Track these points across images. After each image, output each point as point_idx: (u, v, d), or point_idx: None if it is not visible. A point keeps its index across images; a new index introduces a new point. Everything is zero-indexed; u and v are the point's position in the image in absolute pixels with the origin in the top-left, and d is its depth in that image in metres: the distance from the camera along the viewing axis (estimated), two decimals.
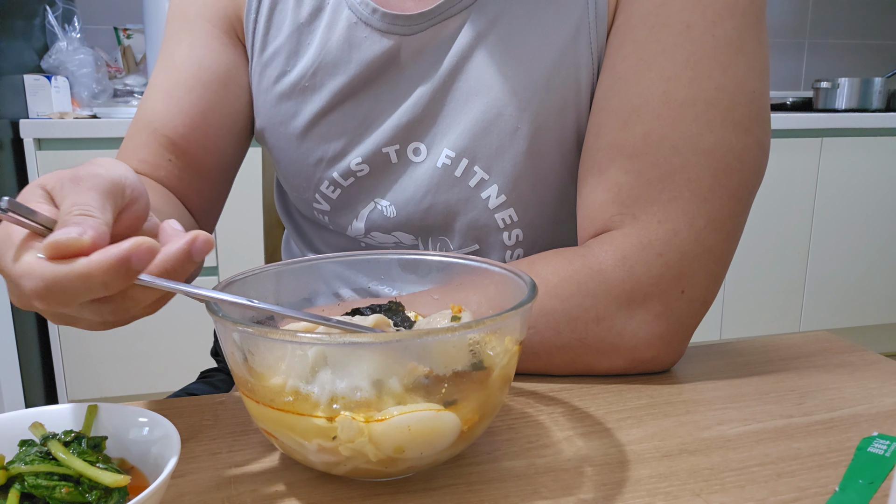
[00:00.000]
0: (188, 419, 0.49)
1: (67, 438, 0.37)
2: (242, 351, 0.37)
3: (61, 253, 0.34)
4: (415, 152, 0.63)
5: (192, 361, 1.84)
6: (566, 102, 0.59)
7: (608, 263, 0.53)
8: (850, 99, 2.37)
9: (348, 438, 0.35)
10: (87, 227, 0.34)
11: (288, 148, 0.66)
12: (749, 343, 0.63)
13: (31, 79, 1.79)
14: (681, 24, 0.54)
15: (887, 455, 0.43)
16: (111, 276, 0.33)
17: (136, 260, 0.34)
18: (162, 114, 0.65)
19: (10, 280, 0.36)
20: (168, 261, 0.36)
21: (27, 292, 0.35)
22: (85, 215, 0.35)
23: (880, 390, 0.53)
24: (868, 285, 2.39)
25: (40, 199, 0.38)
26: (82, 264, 0.33)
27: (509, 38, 0.59)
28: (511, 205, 0.63)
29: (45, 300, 0.34)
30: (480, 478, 0.41)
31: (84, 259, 0.33)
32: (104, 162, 0.39)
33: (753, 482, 0.40)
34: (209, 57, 0.66)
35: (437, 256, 0.49)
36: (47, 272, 0.34)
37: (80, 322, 0.39)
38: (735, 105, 0.53)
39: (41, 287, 0.34)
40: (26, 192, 0.39)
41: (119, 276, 0.34)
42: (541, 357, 0.55)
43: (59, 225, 0.35)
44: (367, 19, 0.61)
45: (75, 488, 0.35)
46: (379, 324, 0.42)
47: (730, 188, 0.54)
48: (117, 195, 0.38)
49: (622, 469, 0.42)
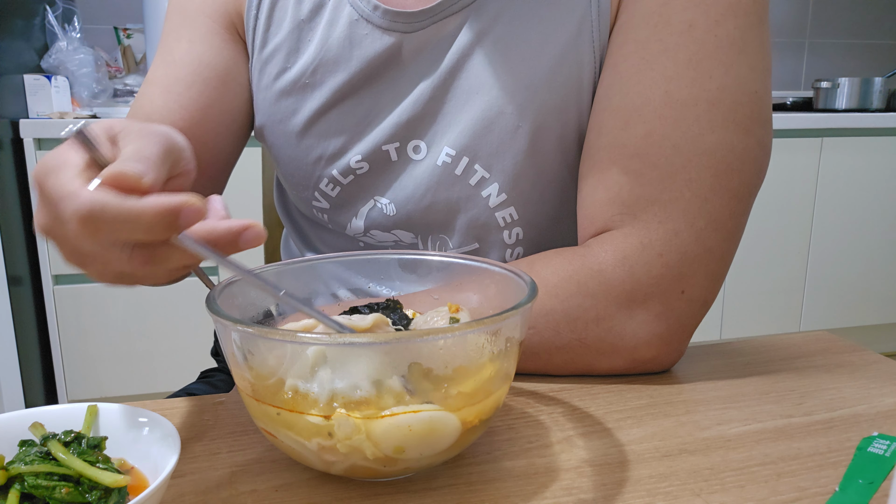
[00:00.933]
0: (188, 419, 0.49)
1: (67, 438, 0.37)
2: (242, 351, 0.37)
3: (120, 183, 0.34)
4: (415, 150, 0.63)
5: (192, 361, 1.84)
6: (567, 101, 0.59)
7: (608, 263, 0.53)
8: (850, 99, 2.37)
9: (345, 436, 0.35)
10: (149, 170, 0.35)
11: (287, 145, 0.66)
12: (749, 343, 0.63)
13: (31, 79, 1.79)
14: (683, 23, 0.54)
15: (887, 455, 0.43)
16: (157, 221, 0.34)
17: (184, 216, 0.34)
18: (160, 109, 0.65)
19: (53, 202, 0.35)
20: (213, 232, 0.36)
21: (67, 214, 0.34)
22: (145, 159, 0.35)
23: (880, 390, 0.53)
24: (868, 285, 2.39)
25: (105, 135, 0.38)
26: (135, 201, 0.33)
27: (511, 37, 0.59)
28: (511, 203, 0.63)
29: (84, 224, 0.34)
30: (480, 478, 0.41)
31: (136, 198, 0.34)
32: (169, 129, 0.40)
33: (753, 482, 0.40)
34: (209, 53, 0.66)
35: (437, 256, 0.49)
36: (99, 197, 0.33)
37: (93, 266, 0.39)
38: (737, 105, 0.53)
39: (84, 210, 0.33)
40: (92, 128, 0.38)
41: (164, 225, 0.34)
42: (540, 357, 0.55)
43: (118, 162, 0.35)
44: (369, 16, 0.61)
45: (75, 488, 0.35)
46: (378, 323, 0.42)
47: (731, 188, 0.54)
48: (177, 159, 0.38)
49: (622, 469, 0.42)
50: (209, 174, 0.69)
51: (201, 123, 0.66)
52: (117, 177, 0.34)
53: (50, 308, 1.76)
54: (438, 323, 0.44)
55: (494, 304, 0.45)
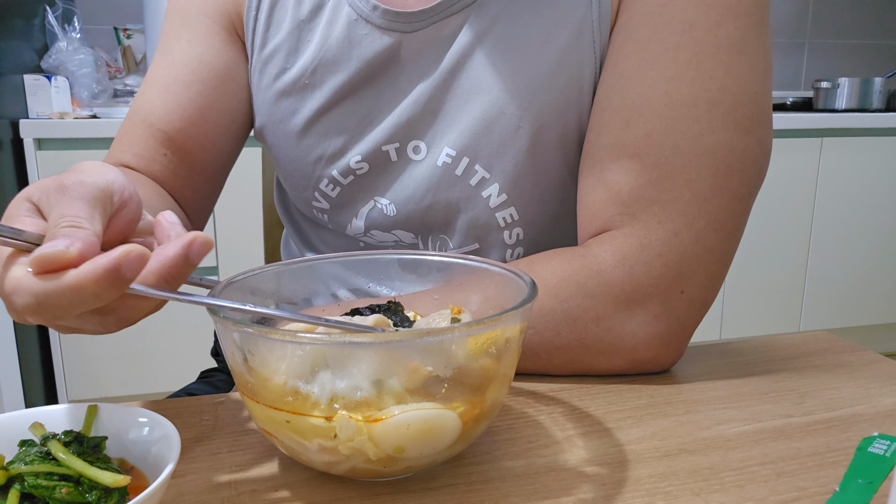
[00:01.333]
0: (188, 419, 0.49)
1: (67, 438, 0.37)
2: (242, 351, 0.37)
3: (49, 267, 0.33)
4: (415, 150, 0.63)
5: (192, 361, 1.84)
6: (568, 101, 0.59)
7: (608, 263, 0.53)
8: (850, 99, 2.37)
9: (347, 437, 0.35)
10: (74, 239, 0.33)
11: (287, 146, 0.66)
12: (749, 343, 0.63)
13: (31, 79, 1.79)
14: (684, 23, 0.54)
15: (887, 455, 0.43)
16: (102, 287, 0.33)
17: (126, 268, 0.33)
18: (159, 108, 0.65)
19: (3, 297, 0.35)
20: (165, 266, 0.35)
21: (19, 308, 0.34)
22: (73, 227, 0.34)
23: (880, 390, 0.53)
24: (868, 285, 2.39)
25: (27, 212, 0.37)
26: (71, 276, 0.32)
27: (511, 37, 0.59)
28: (512, 204, 0.63)
29: (37, 315, 0.34)
30: (480, 478, 0.41)
31: (73, 271, 0.33)
32: (89, 168, 0.38)
33: (753, 482, 0.40)
34: (208, 53, 0.66)
35: (437, 256, 0.49)
36: (36, 287, 0.33)
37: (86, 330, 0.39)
38: (737, 105, 0.53)
39: (32, 303, 0.33)
40: (13, 207, 0.38)
41: (110, 286, 0.33)
42: (540, 357, 0.55)
43: (46, 238, 0.34)
44: (368, 16, 0.61)
45: (75, 488, 0.35)
46: (379, 324, 0.42)
47: (731, 189, 0.54)
48: (106, 202, 0.37)
49: (622, 469, 0.42)
50: (207, 174, 0.69)
51: (199, 123, 0.66)
52: (44, 262, 0.33)
53: None
54: (440, 325, 0.44)
55: (494, 304, 0.45)
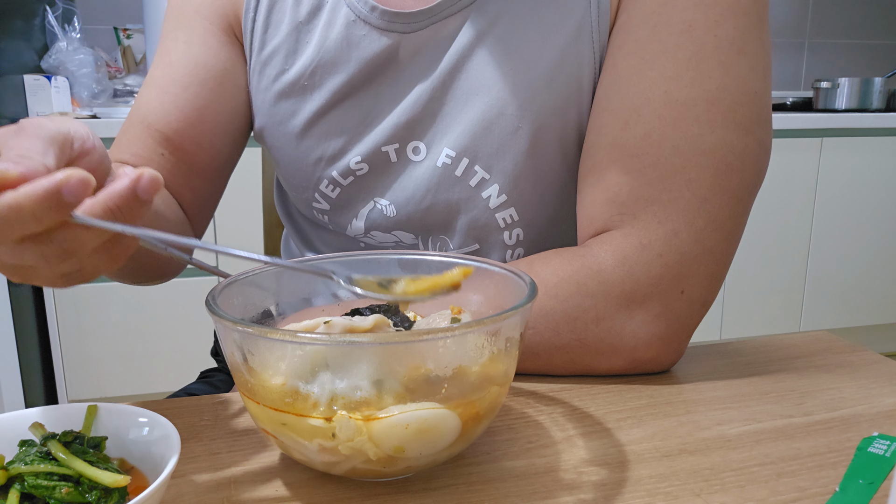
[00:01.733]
0: (188, 419, 0.49)
1: (67, 438, 0.37)
2: (242, 351, 0.37)
3: None
4: (414, 151, 0.63)
5: (192, 361, 1.84)
6: (567, 102, 0.59)
7: (608, 263, 0.53)
8: (850, 99, 2.37)
9: (347, 438, 0.35)
10: (18, 164, 0.33)
11: (287, 147, 0.66)
12: (749, 343, 0.63)
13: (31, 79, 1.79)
14: (683, 23, 0.54)
15: (887, 455, 0.43)
16: (41, 207, 0.32)
17: (66, 191, 0.32)
18: (156, 109, 0.65)
19: None
20: (112, 199, 0.35)
21: None
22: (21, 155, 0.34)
23: (880, 390, 0.53)
24: (868, 285, 2.39)
25: None
26: (10, 195, 0.32)
27: (510, 37, 0.59)
28: (512, 204, 0.63)
29: None
30: (480, 478, 0.41)
31: (12, 191, 0.32)
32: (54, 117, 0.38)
33: (753, 482, 0.40)
34: (206, 55, 0.66)
35: (438, 256, 0.49)
36: None
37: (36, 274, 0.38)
38: (736, 105, 0.53)
39: None
40: None
41: (50, 208, 0.32)
42: (540, 357, 0.55)
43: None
44: (366, 17, 0.61)
45: (75, 488, 0.35)
46: (379, 324, 0.42)
47: (730, 188, 0.54)
48: (64, 144, 0.37)
49: (622, 469, 0.42)
50: (206, 175, 0.69)
51: (197, 124, 0.66)
52: None
53: (50, 308, 1.76)
54: (441, 325, 0.44)
55: (494, 305, 0.45)
